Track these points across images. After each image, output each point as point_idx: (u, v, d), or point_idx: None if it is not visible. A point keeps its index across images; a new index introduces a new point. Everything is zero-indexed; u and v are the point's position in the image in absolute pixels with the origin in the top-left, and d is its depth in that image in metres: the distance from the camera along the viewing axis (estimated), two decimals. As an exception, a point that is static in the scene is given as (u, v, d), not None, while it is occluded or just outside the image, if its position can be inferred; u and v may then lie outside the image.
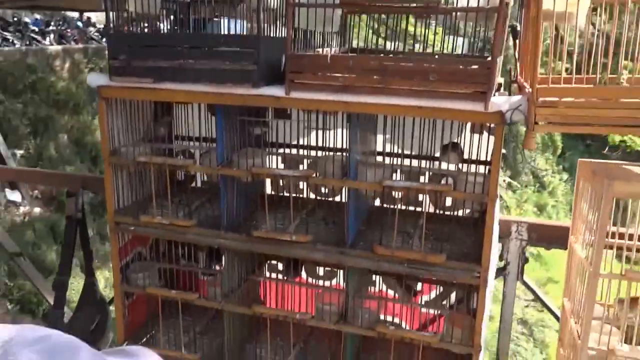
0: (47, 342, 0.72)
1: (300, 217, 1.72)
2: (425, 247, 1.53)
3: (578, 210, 1.61)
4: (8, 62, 7.29)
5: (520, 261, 1.83)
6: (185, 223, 1.65)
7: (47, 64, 7.83)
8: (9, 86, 7.15)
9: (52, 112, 7.49)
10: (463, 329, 1.56)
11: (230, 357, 1.75)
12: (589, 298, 1.38)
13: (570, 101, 1.29)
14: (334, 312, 1.66)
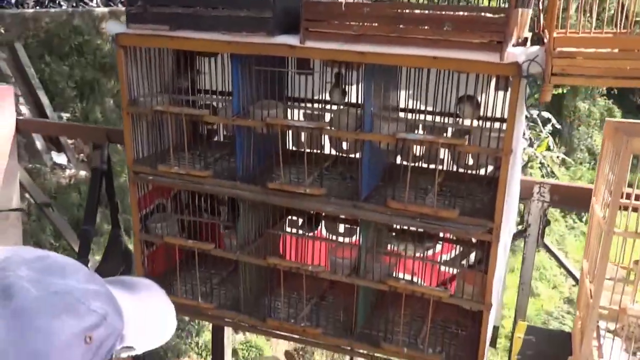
0: (45, 261, 0.74)
1: (318, 171, 1.71)
2: (439, 203, 1.51)
3: (601, 171, 1.56)
4: (55, 23, 7.39)
5: (541, 223, 1.79)
6: (202, 173, 1.67)
7: (93, 26, 7.92)
8: (55, 48, 7.26)
9: (98, 75, 7.59)
10: (475, 286, 1.55)
11: (245, 308, 1.77)
12: (603, 256, 1.35)
13: (588, 52, 1.24)
14: (347, 266, 1.66)
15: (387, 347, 1.62)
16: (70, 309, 0.68)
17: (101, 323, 0.71)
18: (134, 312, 0.83)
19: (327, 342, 1.69)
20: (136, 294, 0.90)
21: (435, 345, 1.64)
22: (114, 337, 0.73)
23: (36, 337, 0.65)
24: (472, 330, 1.70)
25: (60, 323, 0.67)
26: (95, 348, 0.69)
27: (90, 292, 0.72)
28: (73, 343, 0.67)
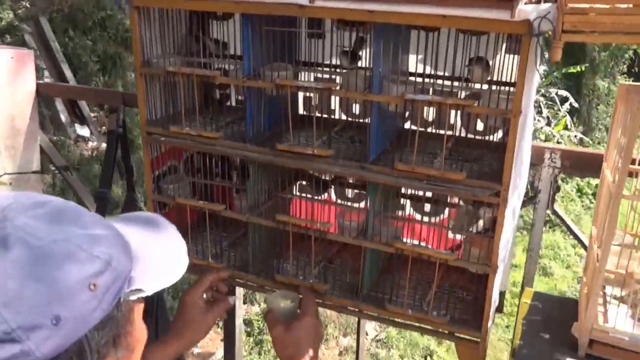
0: (44, 208, 0.74)
1: (327, 135, 1.72)
2: (446, 166, 1.50)
3: (613, 136, 1.55)
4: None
5: (551, 189, 1.78)
6: (213, 135, 1.68)
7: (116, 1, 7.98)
8: (79, 22, 7.33)
9: (120, 49, 7.65)
10: (481, 249, 1.55)
11: (253, 269, 1.79)
12: (611, 218, 1.34)
13: (601, 7, 1.23)
14: (355, 228, 1.67)
15: (392, 309, 1.63)
16: (72, 257, 0.68)
17: (105, 269, 0.71)
18: (144, 249, 0.83)
19: (334, 303, 1.71)
20: (147, 230, 0.89)
21: (440, 308, 1.65)
22: (120, 281, 0.73)
23: (38, 288, 0.65)
24: (478, 295, 1.71)
25: (62, 272, 0.67)
26: (100, 294, 0.69)
27: (93, 237, 0.72)
28: (76, 291, 0.67)
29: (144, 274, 0.78)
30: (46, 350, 0.65)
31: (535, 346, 1.46)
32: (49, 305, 0.65)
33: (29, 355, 0.64)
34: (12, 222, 0.68)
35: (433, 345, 7.18)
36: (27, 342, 0.64)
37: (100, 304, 0.70)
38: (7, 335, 0.63)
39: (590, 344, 1.42)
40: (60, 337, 0.66)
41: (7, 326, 0.63)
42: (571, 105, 8.88)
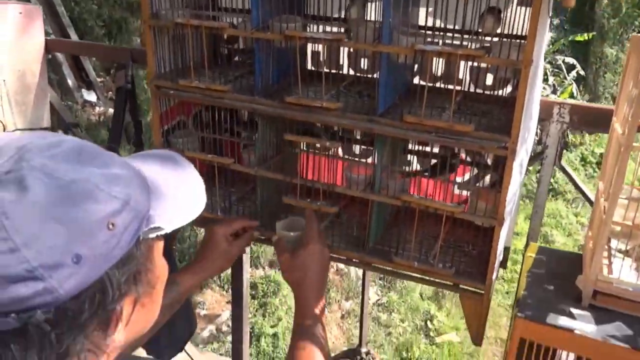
0: (60, 147, 0.74)
1: (335, 89, 1.72)
2: (455, 119, 1.51)
3: (623, 89, 1.55)
4: (84, -38, 7.39)
5: (559, 145, 1.78)
6: (221, 88, 1.68)
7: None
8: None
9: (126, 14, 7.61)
10: (488, 202, 1.56)
11: (261, 222, 1.81)
12: (620, 170, 1.35)
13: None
14: (362, 182, 1.69)
15: (398, 261, 1.65)
16: (89, 197, 0.69)
17: (123, 208, 0.72)
18: (163, 187, 0.83)
19: (341, 255, 1.73)
20: (165, 168, 0.90)
21: (446, 261, 1.67)
22: (138, 220, 0.74)
23: (58, 227, 0.66)
24: (483, 249, 1.72)
25: (80, 212, 0.68)
26: (119, 233, 0.71)
27: (110, 176, 0.72)
28: (95, 230, 0.69)
29: (162, 212, 0.79)
30: (69, 288, 0.67)
31: (539, 296, 1.48)
32: (69, 245, 0.67)
33: (52, 293, 0.66)
34: (29, 163, 0.68)
35: (433, 309, 7.27)
36: (49, 280, 0.66)
37: (119, 242, 0.71)
38: (29, 273, 0.65)
39: (594, 295, 1.44)
40: (82, 275, 0.68)
41: (29, 265, 0.65)
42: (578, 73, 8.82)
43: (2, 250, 0.65)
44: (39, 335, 0.67)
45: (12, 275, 0.65)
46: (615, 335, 1.35)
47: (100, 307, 0.72)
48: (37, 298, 0.66)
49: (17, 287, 0.65)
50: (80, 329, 0.71)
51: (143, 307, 0.82)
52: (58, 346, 0.69)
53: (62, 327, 0.69)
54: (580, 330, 1.35)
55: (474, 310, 1.64)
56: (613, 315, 1.41)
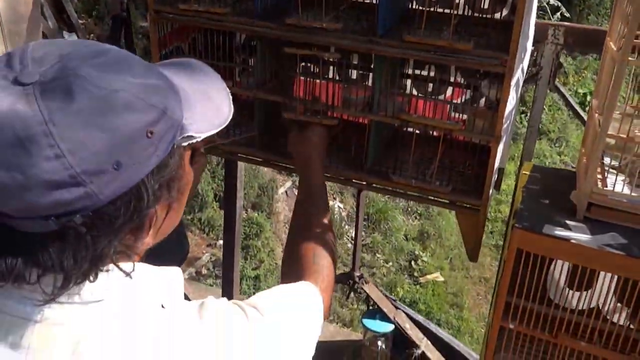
0: (104, 57, 0.77)
1: (335, 12, 1.72)
2: (454, 38, 1.53)
3: (618, 7, 1.57)
4: None
5: (553, 66, 1.82)
6: (221, 10, 1.68)
7: None
8: None
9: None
10: (485, 121, 1.60)
11: (259, 145, 1.84)
12: (615, 83, 1.38)
13: None
14: (360, 103, 1.71)
15: (396, 180, 1.69)
16: (130, 106, 0.72)
17: (161, 117, 0.75)
18: (192, 96, 0.87)
19: (339, 175, 1.76)
20: (194, 76, 0.92)
21: (442, 179, 1.71)
22: (174, 129, 0.78)
23: (101, 135, 0.69)
24: (479, 170, 1.77)
25: (122, 120, 0.71)
26: (156, 141, 0.74)
27: (149, 86, 0.75)
28: (135, 138, 0.72)
29: (194, 122, 0.83)
30: (108, 193, 0.71)
31: (535, 210, 1.53)
32: (110, 152, 0.70)
33: (92, 197, 0.70)
34: (74, 71, 0.70)
35: (418, 250, 7.42)
36: (90, 185, 0.69)
37: (156, 150, 0.75)
38: (72, 179, 0.68)
39: (588, 207, 1.49)
40: (120, 181, 0.72)
41: (73, 171, 0.68)
42: (562, 15, 8.82)
43: (48, 156, 0.67)
44: (76, 237, 0.71)
45: (57, 180, 0.68)
46: (610, 244, 1.40)
47: (135, 213, 0.76)
48: (77, 202, 0.70)
49: (61, 192, 0.68)
50: (115, 232, 0.75)
51: (171, 213, 0.88)
52: (93, 248, 0.73)
53: (98, 230, 0.73)
54: (576, 240, 1.41)
55: (470, 227, 1.70)
56: (607, 227, 1.46)
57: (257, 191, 6.82)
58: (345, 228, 7.11)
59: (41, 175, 0.67)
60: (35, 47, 0.74)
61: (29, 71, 0.70)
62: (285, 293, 1.12)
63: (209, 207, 6.36)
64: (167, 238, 1.49)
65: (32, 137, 0.67)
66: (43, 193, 0.68)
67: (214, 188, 6.51)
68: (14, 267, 0.71)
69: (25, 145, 0.67)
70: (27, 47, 0.74)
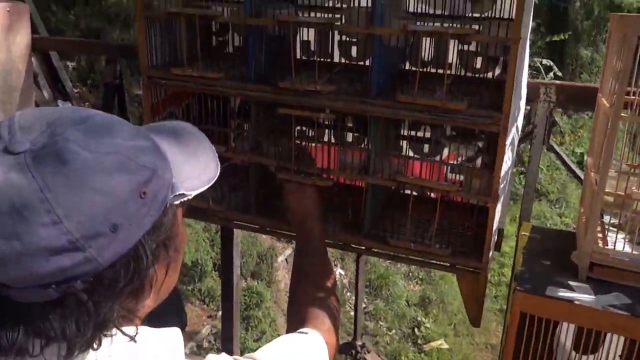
0: (91, 121, 0.77)
1: (328, 76, 1.73)
2: (447, 97, 1.53)
3: (607, 66, 1.58)
4: (60, -27, 7.37)
5: (547, 124, 1.81)
6: (214, 75, 1.69)
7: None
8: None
9: (103, 24, 7.59)
10: (482, 180, 1.58)
11: (255, 211, 1.81)
12: (609, 140, 1.37)
13: None
14: (357, 165, 1.70)
15: (394, 243, 1.66)
16: (122, 167, 0.72)
17: (152, 177, 0.75)
18: (180, 156, 0.86)
19: (336, 240, 1.73)
20: (179, 138, 0.92)
21: (442, 242, 1.68)
22: (165, 188, 0.78)
23: (96, 198, 0.69)
24: (478, 230, 1.74)
25: (115, 182, 0.71)
26: (150, 201, 0.74)
27: (138, 147, 0.75)
28: (129, 199, 0.71)
29: (183, 180, 0.82)
30: (107, 256, 0.70)
31: (536, 271, 1.49)
32: (106, 215, 0.69)
33: (92, 262, 0.69)
34: (63, 136, 0.70)
35: (420, 316, 7.28)
36: (89, 250, 0.68)
37: (150, 210, 0.74)
38: (71, 245, 0.67)
39: (590, 267, 1.46)
40: (118, 243, 0.71)
41: (72, 236, 0.67)
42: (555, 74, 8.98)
43: (45, 222, 0.67)
44: (78, 304, 0.70)
45: (56, 247, 0.67)
46: (614, 304, 1.36)
47: (135, 274, 0.74)
48: (77, 268, 0.68)
49: (60, 259, 0.67)
50: (117, 296, 0.74)
51: (171, 271, 0.87)
52: (96, 314, 0.71)
53: (99, 295, 0.71)
54: (579, 301, 1.37)
55: (471, 290, 1.66)
56: (610, 286, 1.43)
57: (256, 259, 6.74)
58: (347, 295, 6.99)
59: (40, 242, 0.67)
60: (22, 115, 0.74)
61: (18, 140, 0.70)
62: (286, 343, 1.12)
63: (208, 276, 6.28)
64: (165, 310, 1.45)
65: (29, 204, 0.67)
66: (42, 260, 0.67)
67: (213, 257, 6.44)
68: (16, 340, 0.69)
69: (22, 213, 0.66)
70: (14, 116, 0.74)
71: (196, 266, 6.13)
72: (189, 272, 6.12)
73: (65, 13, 7.10)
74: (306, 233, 1.56)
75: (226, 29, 2.04)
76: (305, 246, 1.53)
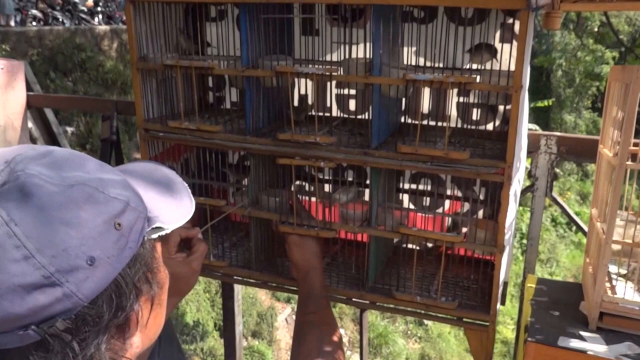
0: (51, 156, 0.73)
1: (327, 128, 1.72)
2: (449, 147, 1.51)
3: (607, 116, 1.57)
4: (58, 41, 7.50)
5: (549, 176, 1.80)
6: (212, 128, 1.68)
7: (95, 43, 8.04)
8: (59, 64, 7.37)
9: (101, 90, 7.69)
10: (487, 230, 1.55)
11: (257, 266, 1.77)
12: (616, 189, 1.35)
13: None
14: (358, 218, 1.67)
15: (399, 297, 1.61)
16: (92, 199, 0.67)
17: (125, 208, 0.71)
18: (151, 194, 0.83)
19: (340, 294, 1.68)
20: (151, 175, 0.89)
21: (448, 295, 1.64)
22: (141, 220, 0.73)
23: (67, 231, 0.65)
24: (483, 285, 1.70)
25: (85, 213, 0.66)
26: (126, 233, 0.70)
27: (106, 180, 0.71)
28: (104, 231, 0.67)
29: (159, 214, 0.78)
30: (87, 291, 0.65)
31: (546, 322, 1.45)
32: (81, 247, 0.65)
33: (72, 297, 0.64)
34: (24, 172, 0.66)
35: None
36: (67, 285, 0.64)
37: (128, 242, 0.70)
38: (47, 280, 0.63)
39: (600, 317, 1.42)
40: (98, 278, 0.66)
41: (46, 271, 0.63)
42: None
43: (16, 258, 0.62)
44: (61, 346, 0.65)
45: (29, 283, 0.62)
46: (627, 355, 1.32)
47: (118, 310, 0.69)
48: (56, 305, 0.63)
49: (36, 296, 0.62)
50: (102, 334, 0.68)
51: (155, 308, 0.81)
52: (82, 354, 0.66)
53: (83, 334, 0.66)
54: (592, 351, 1.32)
55: (480, 344, 1.60)
56: (622, 336, 1.39)
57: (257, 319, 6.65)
58: (348, 354, 6.84)
59: (12, 280, 0.62)
60: None
61: None
62: None
63: (210, 336, 6.18)
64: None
65: None
66: (17, 298, 0.61)
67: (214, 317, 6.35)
68: None
69: None
70: None
71: (197, 326, 6.05)
72: (190, 331, 6.04)
73: (63, 79, 7.19)
74: (309, 286, 1.53)
75: (222, 84, 2.04)
76: (308, 300, 1.49)
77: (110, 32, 8.51)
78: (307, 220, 1.68)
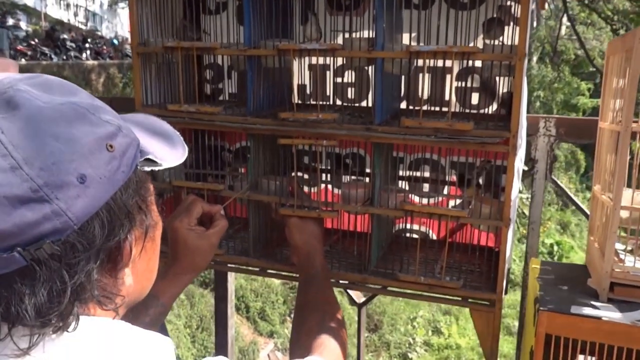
0: (42, 78, 0.71)
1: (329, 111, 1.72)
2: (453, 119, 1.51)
3: (607, 91, 1.59)
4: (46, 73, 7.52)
5: (548, 158, 1.80)
6: (212, 110, 1.66)
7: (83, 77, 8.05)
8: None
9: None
10: (492, 206, 1.53)
11: (255, 254, 1.73)
12: (622, 155, 1.35)
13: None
14: (360, 198, 1.65)
15: (403, 277, 1.58)
16: (83, 118, 0.64)
17: (118, 132, 0.68)
18: (145, 136, 0.80)
19: (343, 279, 1.65)
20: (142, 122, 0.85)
21: (452, 275, 1.61)
22: (134, 147, 0.70)
23: (57, 145, 0.61)
24: (487, 268, 1.68)
25: (77, 131, 0.63)
26: (119, 156, 0.66)
27: (97, 105, 0.68)
28: (96, 150, 0.64)
29: (152, 150, 0.75)
30: (77, 211, 0.61)
31: (556, 295, 1.42)
32: (72, 163, 0.61)
33: (61, 216, 0.60)
34: (13, 88, 0.63)
35: None
36: (56, 202, 0.59)
37: (120, 166, 0.66)
38: (34, 193, 0.58)
39: (611, 288, 1.40)
40: (89, 197, 0.62)
41: (34, 183, 0.58)
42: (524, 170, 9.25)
43: (2, 167, 0.58)
44: (48, 274, 0.60)
45: (15, 195, 0.58)
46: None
47: (110, 235, 0.65)
48: (45, 224, 0.59)
49: (22, 211, 0.58)
50: (92, 260, 0.64)
51: (148, 245, 0.76)
52: (71, 284, 0.61)
53: (72, 260, 0.61)
54: (607, 317, 1.30)
55: (486, 325, 1.57)
56: (634, 305, 1.37)
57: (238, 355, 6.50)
58: None
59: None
60: None
61: None
62: None
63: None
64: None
65: None
66: (2, 213, 0.57)
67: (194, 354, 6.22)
68: None
69: None
70: None
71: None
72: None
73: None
74: (310, 267, 1.48)
75: (221, 75, 2.03)
76: (309, 280, 1.45)
77: (97, 67, 8.55)
78: (307, 202, 1.65)
